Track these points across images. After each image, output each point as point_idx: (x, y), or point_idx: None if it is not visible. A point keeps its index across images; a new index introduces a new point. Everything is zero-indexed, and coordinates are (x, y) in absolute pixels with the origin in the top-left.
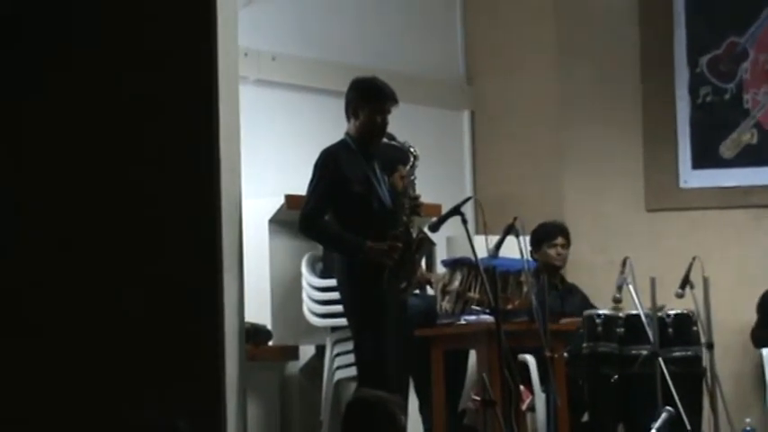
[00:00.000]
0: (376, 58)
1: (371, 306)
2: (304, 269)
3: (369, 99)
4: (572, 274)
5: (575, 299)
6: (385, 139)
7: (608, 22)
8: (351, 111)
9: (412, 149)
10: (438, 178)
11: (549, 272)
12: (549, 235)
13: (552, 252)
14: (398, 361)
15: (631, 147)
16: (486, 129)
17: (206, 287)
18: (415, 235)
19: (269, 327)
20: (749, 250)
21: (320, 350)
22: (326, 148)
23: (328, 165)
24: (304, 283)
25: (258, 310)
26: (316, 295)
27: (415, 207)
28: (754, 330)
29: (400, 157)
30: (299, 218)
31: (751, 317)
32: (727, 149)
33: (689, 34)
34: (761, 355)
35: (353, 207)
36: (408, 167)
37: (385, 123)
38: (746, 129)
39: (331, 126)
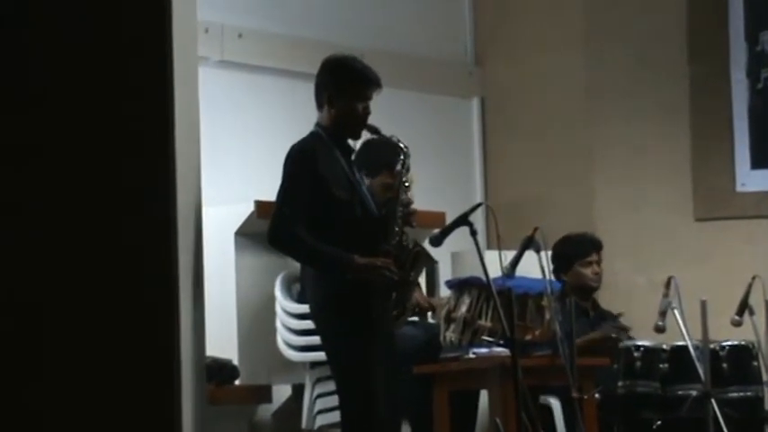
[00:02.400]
0: (363, 36)
1: (358, 342)
2: (278, 291)
3: (347, 84)
4: (605, 298)
5: (609, 327)
6: (367, 134)
7: None
8: (324, 98)
9: (401, 145)
10: (441, 180)
11: (580, 295)
12: (581, 251)
13: (588, 272)
14: (391, 406)
15: (676, 143)
16: (498, 120)
17: (157, 315)
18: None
19: (235, 362)
20: None
21: (298, 390)
22: (300, 144)
23: (304, 163)
24: (278, 309)
25: (222, 341)
26: (292, 323)
27: (407, 216)
28: None
29: (385, 155)
30: (268, 227)
31: None
32: None
33: (747, 5)
34: None
35: (333, 216)
36: (398, 167)
37: (367, 113)
38: None
39: (311, 116)
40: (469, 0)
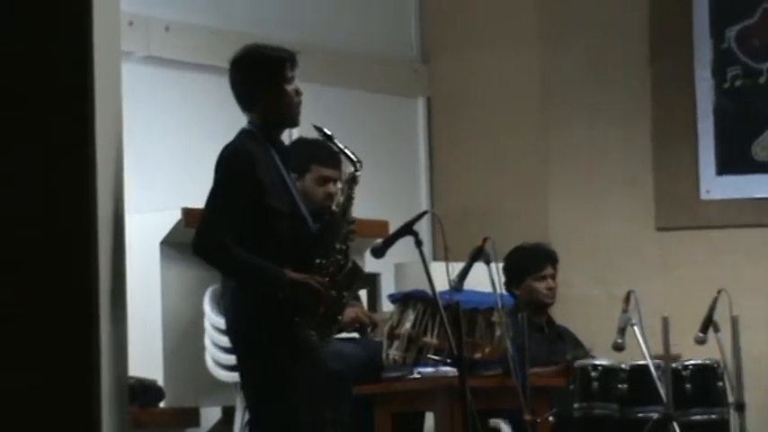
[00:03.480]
0: (302, 31)
1: (278, 363)
2: (207, 306)
3: (267, 71)
4: (561, 313)
5: (564, 345)
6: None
7: None
8: (249, 95)
9: (353, 157)
10: (384, 186)
11: (533, 310)
12: (535, 264)
13: (541, 286)
14: None
15: (637, 147)
16: (446, 122)
17: (75, 331)
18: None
19: (160, 382)
20: None
21: (228, 413)
22: (234, 146)
23: (239, 168)
24: (207, 325)
25: (146, 360)
26: (222, 341)
27: (350, 233)
28: None
29: (312, 149)
30: (194, 235)
31: None
32: (762, 149)
33: None
34: None
35: (267, 226)
36: (346, 180)
37: (299, 93)
38: None
39: (244, 116)
40: None
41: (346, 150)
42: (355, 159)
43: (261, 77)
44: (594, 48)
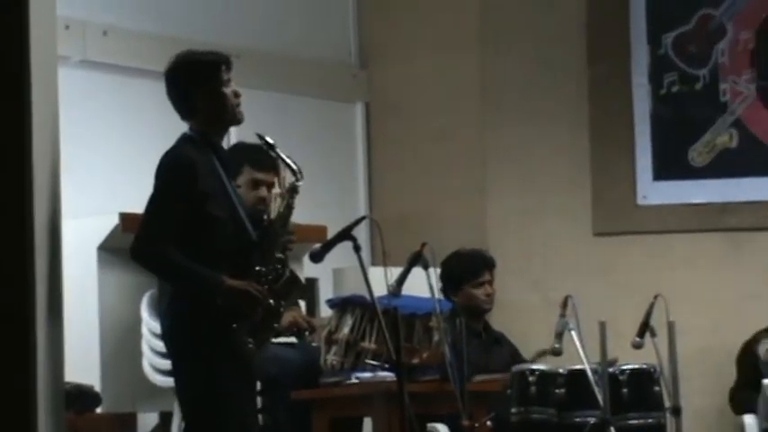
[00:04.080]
0: (239, 36)
1: (212, 368)
2: (144, 312)
3: (203, 75)
4: (498, 318)
5: (502, 350)
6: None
7: None
8: (187, 101)
9: (294, 166)
10: (323, 191)
11: (471, 317)
12: (472, 270)
13: (479, 293)
14: None
15: (575, 152)
16: (385, 127)
17: (10, 337)
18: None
19: (97, 388)
20: (726, 286)
21: (166, 419)
22: (175, 152)
23: (180, 175)
24: (144, 331)
25: (83, 365)
26: (159, 346)
27: (289, 243)
28: (734, 391)
29: (246, 152)
30: (132, 241)
31: (729, 373)
32: (698, 155)
33: (650, 5)
34: (742, 423)
35: (207, 233)
36: (287, 190)
37: (238, 95)
38: (723, 128)
39: (182, 122)
40: (354, 1)
41: (288, 160)
42: (297, 169)
43: (197, 82)
44: (533, 53)
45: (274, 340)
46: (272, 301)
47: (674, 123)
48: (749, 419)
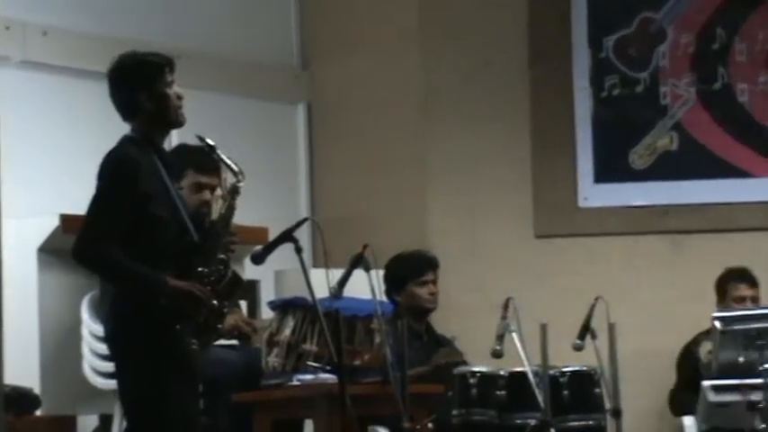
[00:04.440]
0: (181, 37)
1: (156, 368)
2: (85, 314)
3: (146, 76)
4: (439, 320)
5: (441, 355)
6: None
7: None
8: (129, 106)
9: (235, 167)
10: (264, 193)
11: (414, 316)
12: (416, 269)
13: (423, 292)
14: None
15: (516, 154)
16: (326, 128)
17: None
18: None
19: (36, 390)
20: (666, 289)
21: (106, 421)
22: (118, 152)
23: (123, 175)
24: (84, 333)
25: (23, 367)
26: (100, 348)
27: (231, 244)
28: (674, 393)
29: (189, 155)
30: (75, 241)
31: (669, 375)
32: (639, 158)
33: (591, 8)
34: (681, 425)
35: (149, 234)
36: (228, 191)
37: (181, 96)
38: (664, 131)
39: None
40: (296, 1)
41: (228, 161)
42: (237, 170)
43: (140, 83)
44: (474, 55)
45: (216, 343)
46: (215, 301)
47: (614, 126)
48: (688, 421)
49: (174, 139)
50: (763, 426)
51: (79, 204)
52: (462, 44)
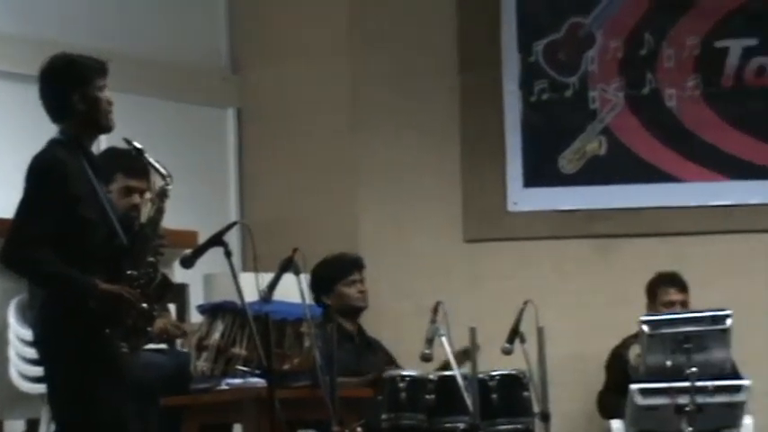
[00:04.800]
0: (108, 38)
1: (84, 372)
2: (11, 318)
3: (78, 79)
4: (370, 324)
5: (375, 356)
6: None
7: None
8: (59, 108)
9: (163, 171)
10: (194, 196)
11: (346, 317)
12: (342, 270)
13: (352, 291)
14: None
15: (446, 158)
16: (256, 132)
17: None
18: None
19: None
20: (595, 293)
21: (32, 426)
22: (45, 155)
23: (51, 178)
24: (11, 337)
25: None
26: (27, 352)
27: (160, 247)
28: (602, 396)
29: (118, 159)
30: (2, 245)
31: (598, 378)
32: (568, 162)
33: (520, 13)
34: (609, 428)
35: (79, 237)
36: (156, 194)
37: (111, 102)
38: (593, 135)
39: (49, 123)
40: (226, 2)
41: (156, 165)
42: (166, 173)
43: (73, 84)
44: (404, 60)
45: (145, 347)
46: (144, 305)
47: (544, 130)
48: (616, 424)
49: (102, 142)
50: (690, 429)
51: (4, 208)
52: (392, 50)
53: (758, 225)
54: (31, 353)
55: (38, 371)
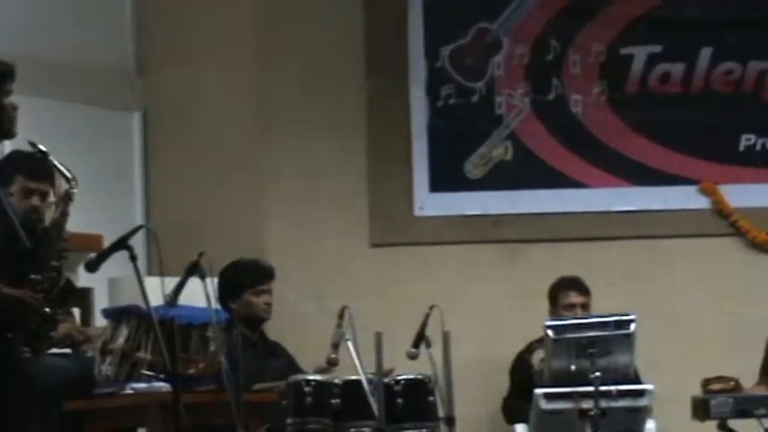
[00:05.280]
0: (10, 40)
1: None
2: None
3: None
4: (275, 329)
5: (278, 361)
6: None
7: (323, 4)
8: None
9: (68, 174)
10: (98, 200)
11: (248, 325)
12: (252, 278)
13: (259, 301)
14: None
15: (353, 164)
16: (163, 136)
17: None
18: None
19: None
20: (501, 297)
21: None
22: None
23: None
24: None
25: None
26: None
27: (64, 250)
28: (507, 401)
29: (16, 162)
30: None
31: (502, 382)
32: (474, 167)
33: (427, 19)
34: None
35: None
36: (61, 197)
37: (16, 106)
38: (499, 141)
39: None
40: (133, 4)
41: (61, 167)
42: (71, 176)
43: None
44: (311, 65)
45: (48, 351)
46: (47, 309)
47: (450, 136)
48: (521, 428)
49: (6, 147)
50: None
51: None
52: (299, 55)
53: (660, 231)
54: None
55: None
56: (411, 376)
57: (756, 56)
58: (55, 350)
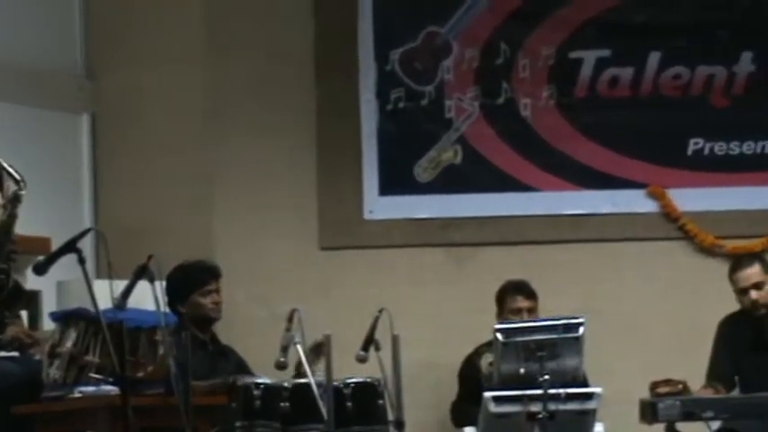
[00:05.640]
0: None
1: None
2: None
3: None
4: (224, 332)
5: (228, 363)
6: None
7: (272, 7)
8: None
9: (17, 175)
10: (47, 203)
11: (198, 326)
12: (198, 279)
13: (207, 301)
14: None
15: (302, 166)
16: (111, 139)
17: None
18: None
19: None
20: (449, 301)
21: None
22: None
23: None
24: None
25: None
26: None
27: (12, 253)
28: (455, 404)
29: None
30: None
31: (452, 386)
32: (423, 171)
33: (377, 22)
34: None
35: None
36: (9, 199)
37: None
38: (448, 144)
39: None
40: (81, 6)
41: (9, 169)
42: (19, 178)
43: None
44: (260, 68)
45: None
46: None
47: (400, 139)
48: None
49: None
50: None
51: None
52: (248, 57)
53: (608, 234)
54: None
55: None
56: (360, 379)
57: (704, 60)
58: (2, 353)
